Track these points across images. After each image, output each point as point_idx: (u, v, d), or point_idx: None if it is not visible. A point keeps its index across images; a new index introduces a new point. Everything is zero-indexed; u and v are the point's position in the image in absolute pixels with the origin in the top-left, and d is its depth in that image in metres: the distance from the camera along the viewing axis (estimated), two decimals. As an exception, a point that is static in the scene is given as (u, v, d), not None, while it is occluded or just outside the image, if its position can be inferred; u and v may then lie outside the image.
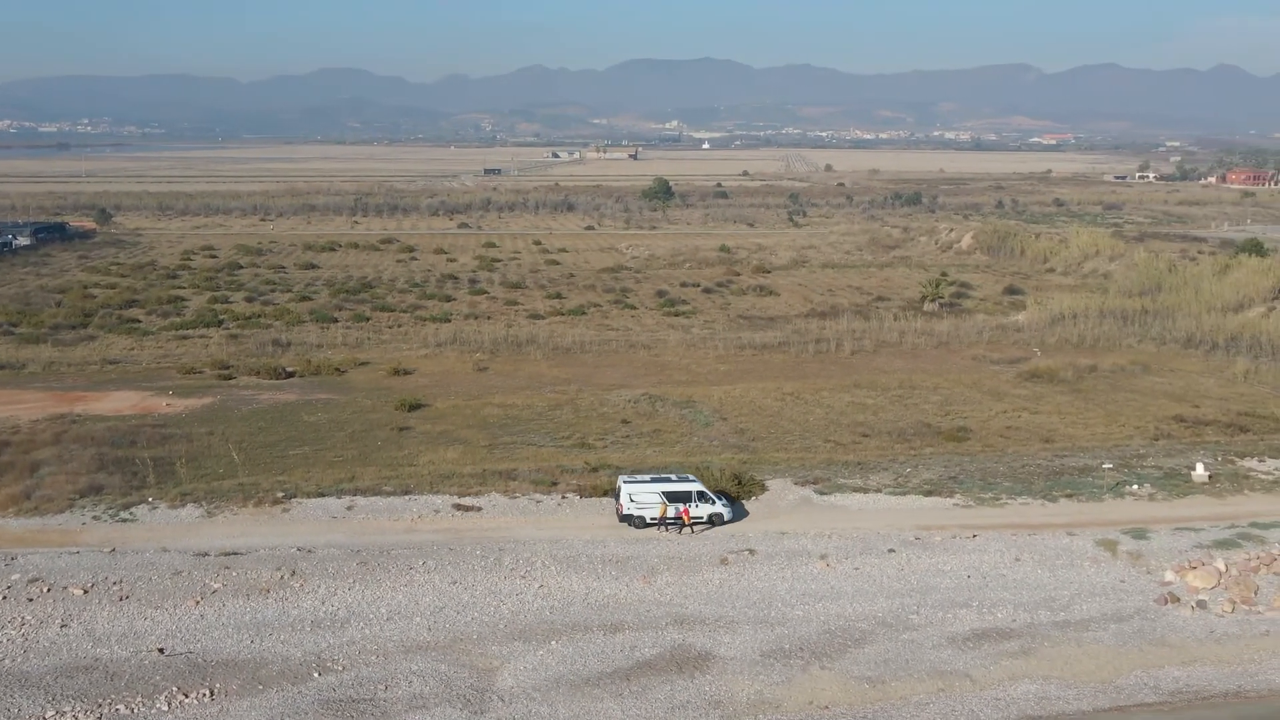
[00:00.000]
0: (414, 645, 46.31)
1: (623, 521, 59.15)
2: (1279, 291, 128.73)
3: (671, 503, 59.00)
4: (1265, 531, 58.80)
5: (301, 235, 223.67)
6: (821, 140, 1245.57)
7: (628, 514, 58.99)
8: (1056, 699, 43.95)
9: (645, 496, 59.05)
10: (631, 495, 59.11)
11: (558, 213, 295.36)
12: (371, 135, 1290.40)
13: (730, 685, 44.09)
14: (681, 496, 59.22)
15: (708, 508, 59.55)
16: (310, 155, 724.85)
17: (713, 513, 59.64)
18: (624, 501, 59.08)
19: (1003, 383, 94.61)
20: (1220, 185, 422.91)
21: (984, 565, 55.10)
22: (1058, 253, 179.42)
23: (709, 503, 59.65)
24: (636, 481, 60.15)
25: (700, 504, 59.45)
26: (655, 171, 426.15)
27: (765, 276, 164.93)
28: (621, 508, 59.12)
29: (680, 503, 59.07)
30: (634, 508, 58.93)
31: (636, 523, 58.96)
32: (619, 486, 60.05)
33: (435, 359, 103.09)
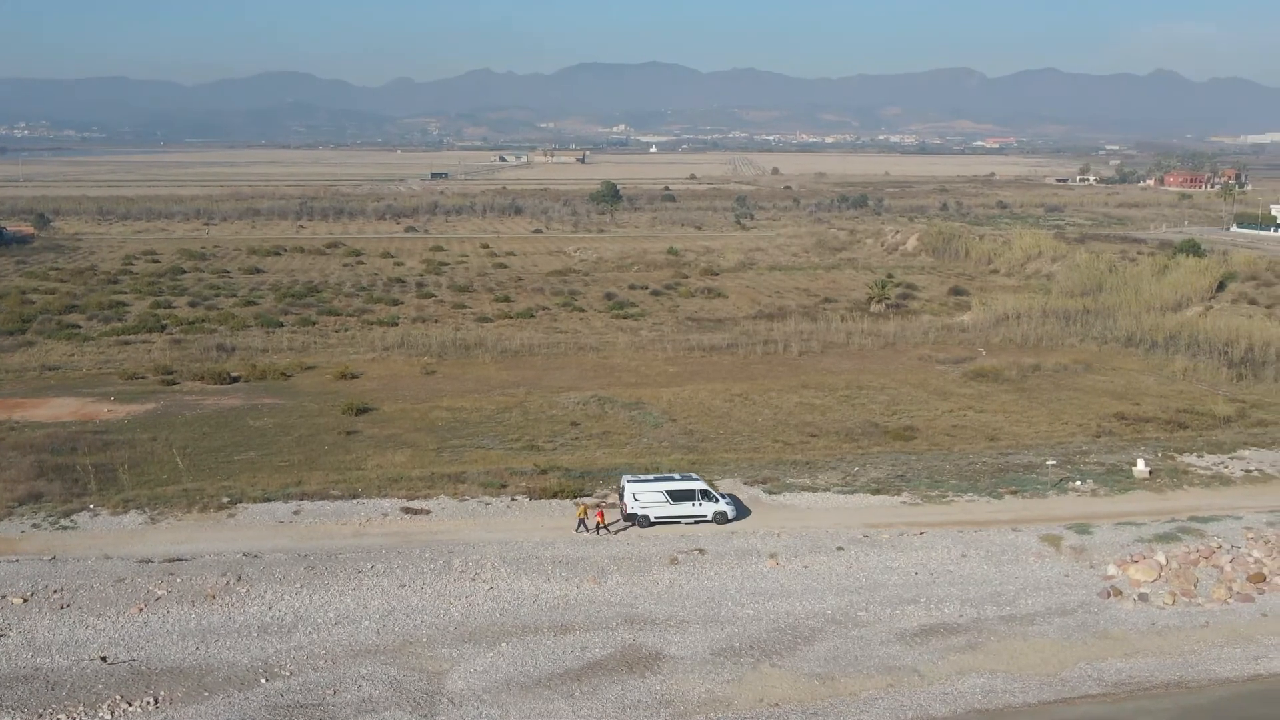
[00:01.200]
0: (363, 649, 45.96)
1: (626, 520, 59.58)
2: (1216, 291, 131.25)
3: (676, 501, 59.52)
4: (1204, 525, 59.87)
5: (246, 240, 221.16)
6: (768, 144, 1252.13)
7: (632, 513, 59.42)
8: (1003, 692, 44.48)
9: (649, 496, 59.52)
10: (636, 495, 59.53)
11: (505, 216, 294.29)
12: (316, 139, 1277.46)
13: (681, 684, 44.17)
14: (686, 495, 59.78)
15: (712, 506, 60.05)
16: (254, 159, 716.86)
17: (717, 511, 60.10)
18: (628, 501, 59.48)
19: (948, 382, 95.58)
20: (1158, 188, 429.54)
21: (931, 562, 55.64)
22: (1001, 254, 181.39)
23: (713, 501, 60.18)
24: (640, 481, 60.56)
25: (704, 502, 59.98)
26: (603, 175, 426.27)
27: (713, 279, 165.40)
28: (626, 507, 59.52)
29: (685, 501, 59.65)
30: (638, 507, 59.36)
31: (641, 522, 59.38)
32: (623, 486, 60.46)
33: (382, 363, 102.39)
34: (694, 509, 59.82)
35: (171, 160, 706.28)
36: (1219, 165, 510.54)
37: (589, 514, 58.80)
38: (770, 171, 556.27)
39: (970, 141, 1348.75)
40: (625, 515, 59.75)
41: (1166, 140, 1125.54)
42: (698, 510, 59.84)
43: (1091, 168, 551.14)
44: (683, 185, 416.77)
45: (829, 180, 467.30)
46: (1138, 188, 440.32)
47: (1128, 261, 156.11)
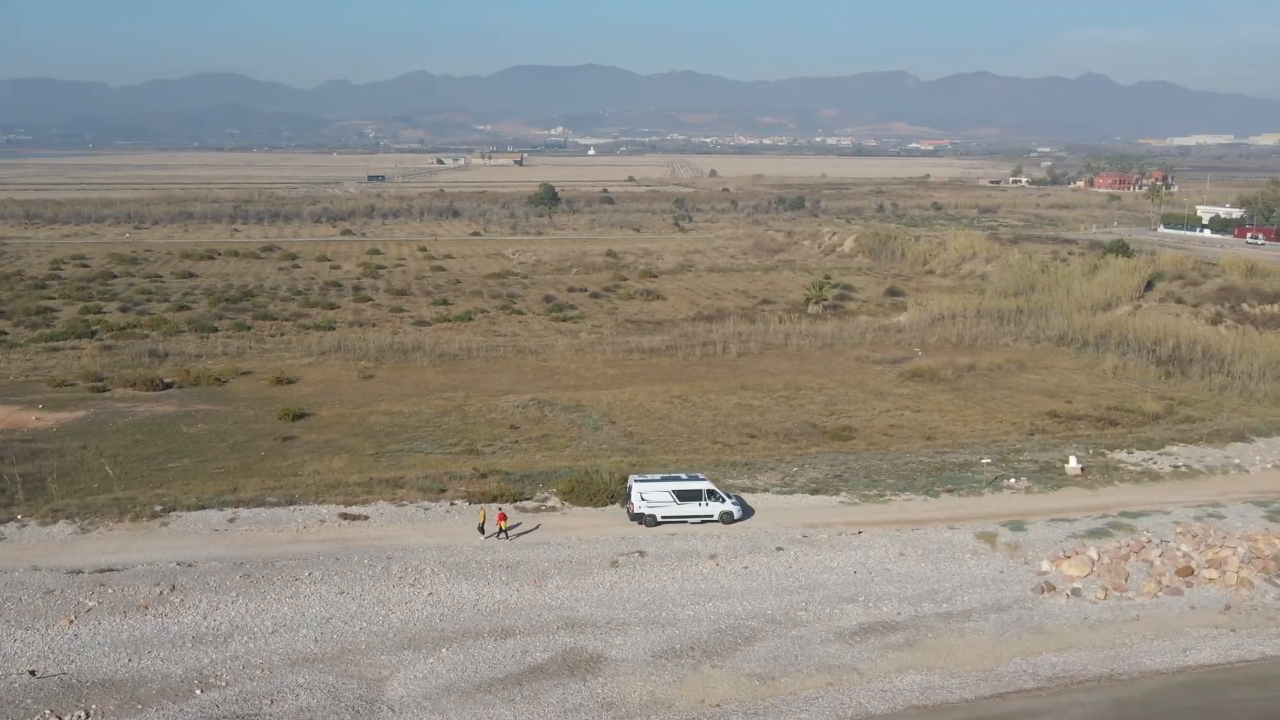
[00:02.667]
0: (300, 658, 45.44)
1: (634, 520, 59.84)
2: (1144, 291, 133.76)
3: (683, 501, 59.92)
4: (1134, 520, 61.00)
5: (178, 244, 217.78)
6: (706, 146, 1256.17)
7: (639, 513, 59.69)
8: (941, 688, 44.99)
9: (656, 495, 59.93)
10: (643, 494, 59.95)
11: (443, 219, 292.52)
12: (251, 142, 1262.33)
13: (622, 686, 44.17)
14: (692, 495, 60.18)
15: (718, 506, 60.54)
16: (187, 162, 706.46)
17: (723, 511, 60.63)
18: (635, 501, 59.82)
19: (885, 382, 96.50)
20: (1088, 189, 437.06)
21: (870, 561, 56.14)
22: (936, 255, 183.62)
23: (719, 501, 60.67)
24: (647, 481, 60.97)
25: (710, 502, 60.41)
26: (541, 177, 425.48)
27: (652, 281, 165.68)
28: (633, 507, 59.84)
29: (692, 501, 60.05)
30: (645, 506, 59.80)
31: (648, 521, 59.68)
32: (629, 486, 60.84)
33: (319, 367, 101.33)
34: (700, 509, 60.36)
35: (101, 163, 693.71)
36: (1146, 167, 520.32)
37: (488, 518, 58.38)
38: (708, 174, 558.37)
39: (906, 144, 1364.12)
40: (632, 515, 60.15)
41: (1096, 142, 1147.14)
42: (704, 510, 60.40)
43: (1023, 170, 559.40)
44: (621, 187, 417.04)
45: (767, 182, 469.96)
46: (1068, 189, 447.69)
47: (1059, 262, 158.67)
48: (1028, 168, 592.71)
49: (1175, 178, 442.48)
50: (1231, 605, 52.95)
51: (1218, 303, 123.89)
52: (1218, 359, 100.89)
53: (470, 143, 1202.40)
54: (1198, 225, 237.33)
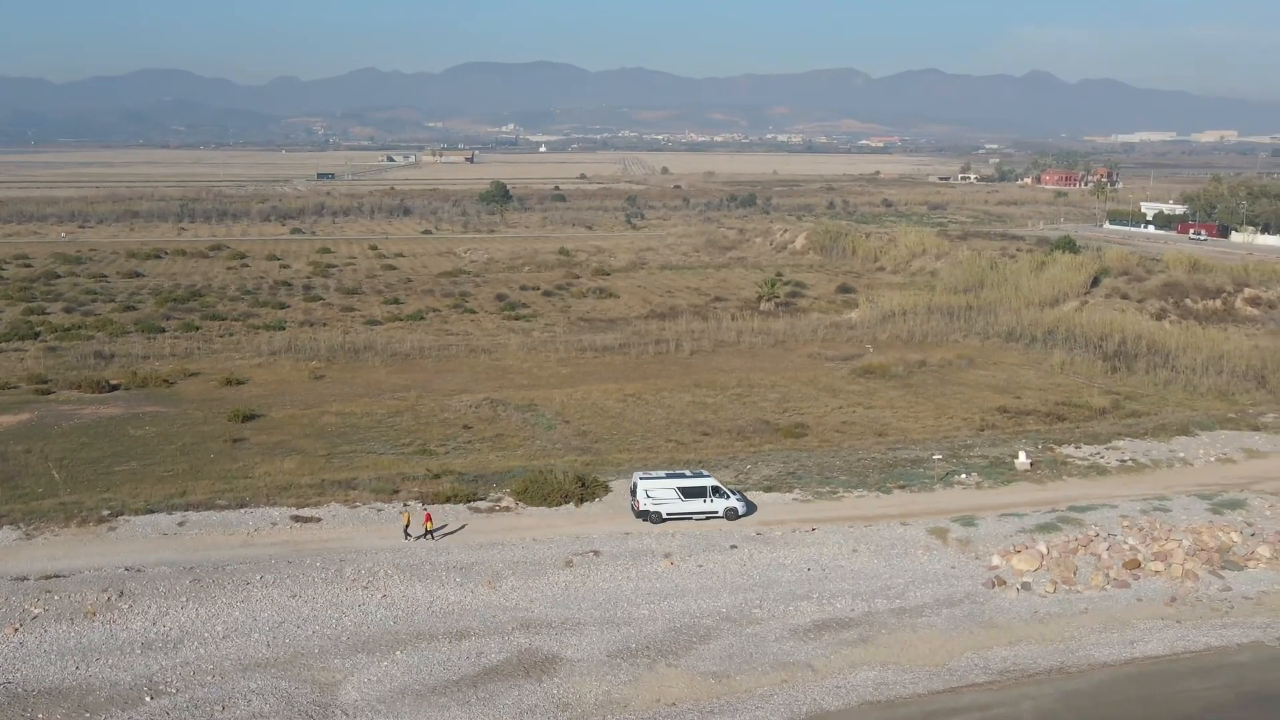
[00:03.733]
0: (252, 663, 45.00)
1: (639, 517, 60.12)
2: (1091, 286, 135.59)
3: (688, 498, 60.33)
4: (1082, 514, 61.81)
5: (124, 243, 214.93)
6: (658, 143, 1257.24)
7: (644, 510, 59.91)
8: (894, 684, 45.36)
9: (661, 493, 60.32)
10: (648, 491, 60.25)
11: (394, 217, 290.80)
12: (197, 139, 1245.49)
13: (578, 687, 44.16)
14: (697, 491, 60.61)
15: (723, 502, 61.03)
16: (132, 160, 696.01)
17: (728, 507, 61.07)
18: (640, 498, 60.09)
19: (837, 379, 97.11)
20: (1035, 186, 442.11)
21: (823, 558, 56.47)
22: (887, 252, 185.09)
23: (724, 497, 61.09)
24: (652, 478, 61.25)
25: (715, 498, 60.82)
26: (492, 175, 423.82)
27: (604, 279, 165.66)
28: (638, 504, 60.10)
29: (697, 498, 60.50)
30: (650, 503, 60.15)
31: (654, 518, 60.12)
32: (635, 483, 61.06)
33: (269, 368, 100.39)
34: (705, 505, 60.83)
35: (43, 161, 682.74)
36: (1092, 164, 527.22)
37: (413, 520, 57.61)
38: (660, 171, 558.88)
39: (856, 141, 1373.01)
40: (637, 512, 60.40)
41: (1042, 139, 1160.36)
42: (709, 507, 60.84)
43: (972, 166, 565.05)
44: (573, 185, 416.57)
45: (718, 179, 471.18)
46: (1016, 186, 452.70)
47: (1008, 258, 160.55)
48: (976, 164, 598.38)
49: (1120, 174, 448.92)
50: (1177, 597, 53.81)
51: (1162, 298, 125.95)
52: (1162, 354, 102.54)
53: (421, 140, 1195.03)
54: (1142, 221, 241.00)
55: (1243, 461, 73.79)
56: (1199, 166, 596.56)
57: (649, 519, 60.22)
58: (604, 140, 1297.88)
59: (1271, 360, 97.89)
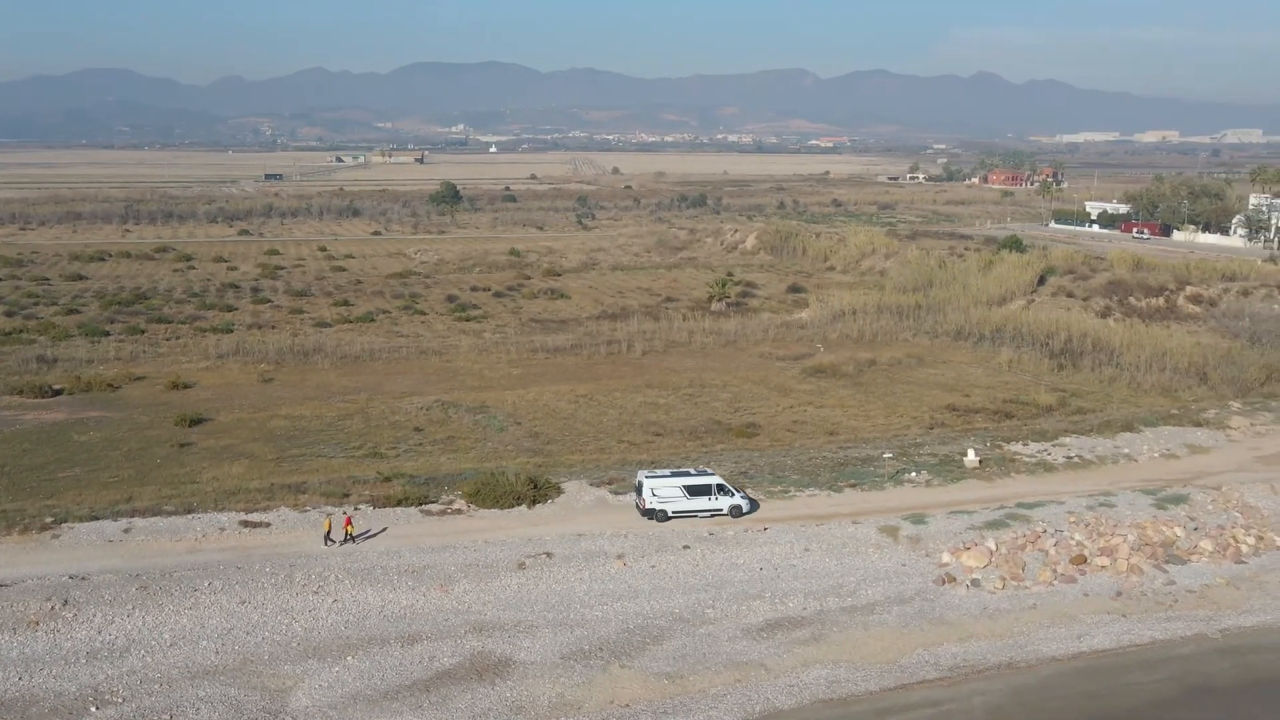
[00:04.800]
0: (201, 670, 44.47)
1: (645, 516, 60.49)
2: (1037, 285, 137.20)
3: (693, 496, 60.79)
4: (1030, 511, 62.56)
5: (67, 245, 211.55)
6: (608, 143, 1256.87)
7: (650, 508, 60.54)
8: (846, 681, 45.66)
9: (667, 491, 60.94)
10: (654, 490, 60.65)
11: (343, 218, 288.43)
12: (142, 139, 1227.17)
13: (531, 689, 44.06)
14: (702, 490, 61.10)
15: (727, 500, 61.64)
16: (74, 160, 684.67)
17: (732, 504, 61.68)
18: (646, 496, 60.47)
19: (788, 379, 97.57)
20: (983, 186, 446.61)
21: (775, 557, 56.73)
22: (837, 251, 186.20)
23: (728, 495, 61.62)
24: (657, 477, 61.76)
25: (720, 496, 61.34)
26: (442, 175, 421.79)
27: (556, 280, 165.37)
28: (644, 502, 60.51)
29: (702, 496, 61.07)
30: (656, 502, 60.77)
31: (659, 516, 60.71)
32: (640, 482, 61.54)
33: (217, 371, 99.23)
34: (710, 503, 61.34)
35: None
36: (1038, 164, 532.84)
37: (334, 525, 56.62)
38: (611, 171, 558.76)
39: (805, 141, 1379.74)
40: (644, 510, 60.72)
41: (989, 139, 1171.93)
42: (714, 504, 61.37)
43: (920, 166, 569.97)
44: (523, 185, 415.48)
45: (669, 180, 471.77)
46: (963, 185, 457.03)
47: (956, 258, 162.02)
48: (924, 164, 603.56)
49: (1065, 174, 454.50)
50: (1123, 591, 54.62)
51: (1106, 296, 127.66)
52: (1107, 351, 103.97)
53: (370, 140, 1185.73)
54: (1087, 220, 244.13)
55: (1186, 457, 75.04)
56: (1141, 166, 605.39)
57: (654, 517, 60.86)
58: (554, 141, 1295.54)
59: (1213, 357, 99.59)
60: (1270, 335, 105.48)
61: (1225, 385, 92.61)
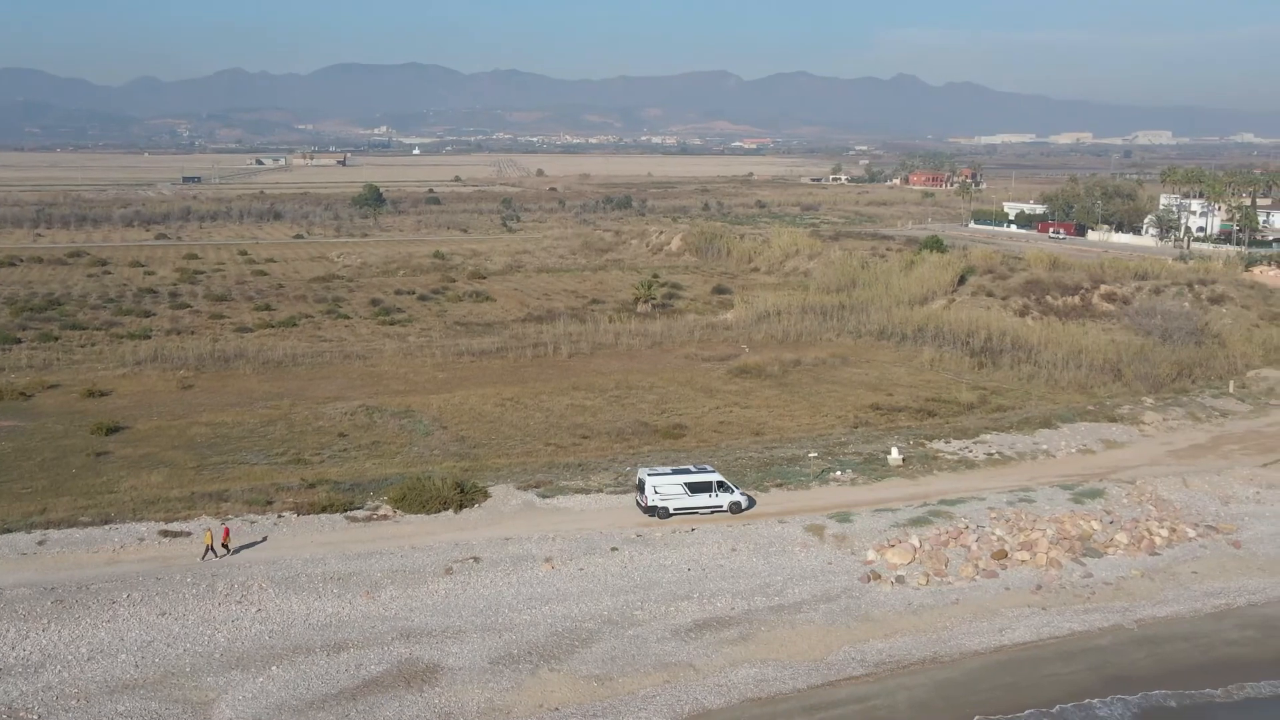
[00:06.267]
0: (120, 684, 43.56)
1: (647, 513, 61.50)
2: (958, 285, 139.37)
3: (694, 493, 61.30)
4: (953, 508, 63.54)
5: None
6: (532, 145, 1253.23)
7: (652, 505, 61.32)
8: (774, 680, 46.04)
9: (669, 489, 61.64)
10: (656, 488, 61.52)
11: (264, 222, 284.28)
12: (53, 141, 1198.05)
13: (460, 695, 43.82)
14: (703, 487, 61.65)
15: (727, 496, 62.51)
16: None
17: (732, 501, 62.65)
18: (649, 494, 60.87)
19: (714, 379, 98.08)
20: (904, 186, 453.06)
21: (703, 557, 57.00)
22: (761, 252, 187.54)
23: (728, 492, 62.58)
24: (659, 475, 62.39)
25: (720, 493, 62.32)
26: (365, 178, 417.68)
27: (481, 282, 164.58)
28: (646, 500, 61.41)
29: (703, 493, 61.63)
30: (658, 499, 61.43)
31: (660, 514, 61.37)
32: (642, 480, 62.15)
33: (134, 378, 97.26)
34: (710, 500, 61.97)
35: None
36: (957, 165, 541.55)
37: (214, 537, 55.01)
38: (535, 173, 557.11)
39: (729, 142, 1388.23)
40: (645, 508, 61.14)
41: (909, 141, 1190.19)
42: (714, 501, 62.07)
43: (842, 167, 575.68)
44: (447, 187, 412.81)
45: (593, 181, 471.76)
46: (885, 186, 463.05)
47: (878, 258, 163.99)
48: (846, 165, 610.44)
49: (983, 175, 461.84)
50: (1042, 585, 55.71)
51: (1024, 295, 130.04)
52: (1025, 349, 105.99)
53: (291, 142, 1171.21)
54: (1005, 221, 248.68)
55: (1101, 452, 76.75)
56: (1056, 167, 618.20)
57: (656, 514, 61.39)
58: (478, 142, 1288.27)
59: (1126, 354, 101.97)
60: (1181, 332, 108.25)
61: (1139, 381, 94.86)
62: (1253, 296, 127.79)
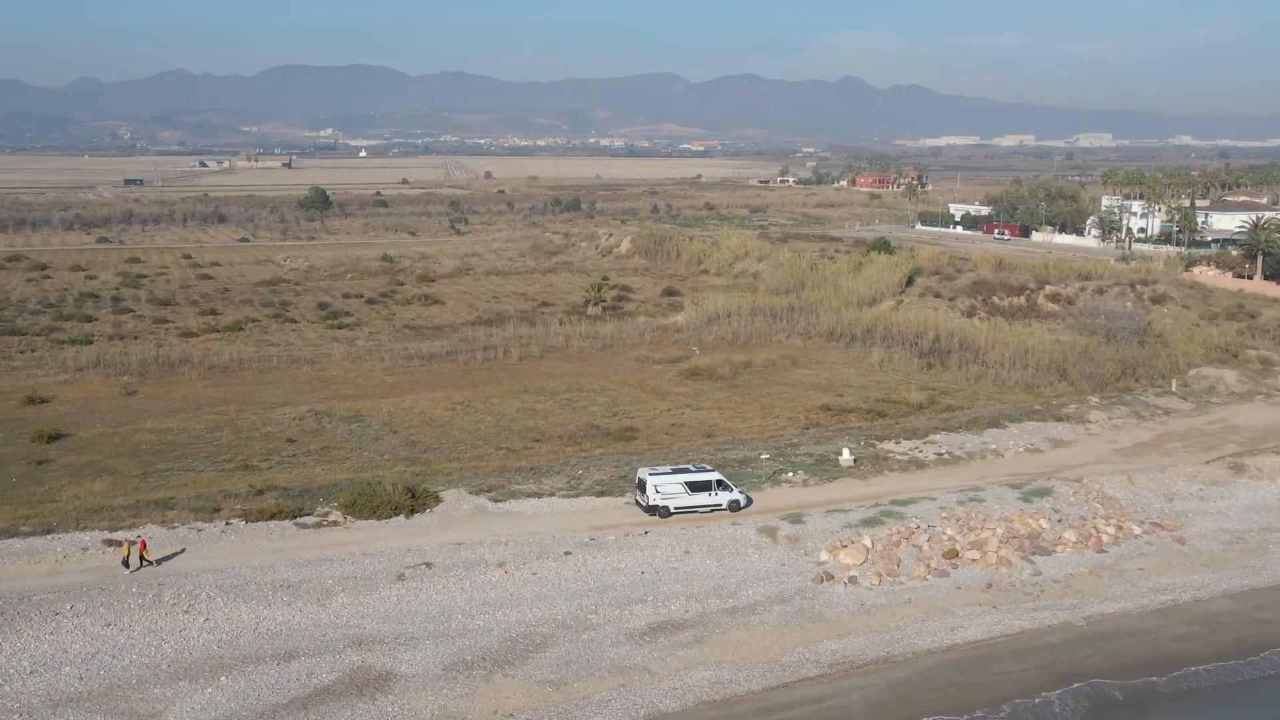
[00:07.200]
0: (64, 698, 42.73)
1: (648, 513, 62.34)
2: (906, 286, 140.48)
3: (694, 492, 62.62)
4: (904, 508, 63.96)
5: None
6: (480, 147, 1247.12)
7: (653, 504, 62.13)
8: (729, 682, 46.07)
9: (670, 488, 62.47)
10: (657, 487, 62.29)
11: (208, 225, 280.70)
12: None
13: (413, 703, 43.43)
14: (702, 486, 62.39)
15: (726, 495, 63.40)
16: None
17: (731, 499, 63.48)
18: (650, 494, 61.99)
19: (665, 381, 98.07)
20: (851, 188, 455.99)
21: (656, 560, 56.95)
22: (710, 254, 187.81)
23: (728, 490, 63.49)
24: (659, 474, 63.15)
25: (719, 492, 63.21)
26: (311, 180, 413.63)
27: (430, 285, 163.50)
28: (647, 499, 62.19)
29: (703, 492, 62.36)
30: (659, 499, 62.21)
31: (661, 513, 62.14)
32: (643, 479, 62.85)
33: (76, 384, 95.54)
34: (710, 499, 62.63)
35: None
36: (903, 167, 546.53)
37: (132, 550, 53.79)
38: (483, 175, 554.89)
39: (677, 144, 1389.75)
40: (646, 508, 61.65)
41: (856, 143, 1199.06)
42: (714, 500, 62.80)
43: (790, 169, 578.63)
44: (395, 190, 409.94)
45: (542, 184, 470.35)
46: (832, 188, 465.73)
47: (827, 259, 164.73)
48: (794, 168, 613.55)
49: (929, 177, 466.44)
50: (993, 583, 56.23)
51: (971, 296, 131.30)
52: (973, 350, 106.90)
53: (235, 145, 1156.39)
54: (951, 222, 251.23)
55: (1049, 451, 77.64)
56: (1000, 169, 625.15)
57: (657, 513, 61.86)
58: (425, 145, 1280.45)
59: (1072, 354, 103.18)
60: (1124, 332, 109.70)
61: (1084, 381, 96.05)
62: (1193, 296, 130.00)
